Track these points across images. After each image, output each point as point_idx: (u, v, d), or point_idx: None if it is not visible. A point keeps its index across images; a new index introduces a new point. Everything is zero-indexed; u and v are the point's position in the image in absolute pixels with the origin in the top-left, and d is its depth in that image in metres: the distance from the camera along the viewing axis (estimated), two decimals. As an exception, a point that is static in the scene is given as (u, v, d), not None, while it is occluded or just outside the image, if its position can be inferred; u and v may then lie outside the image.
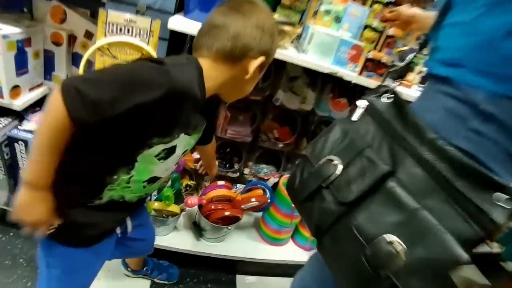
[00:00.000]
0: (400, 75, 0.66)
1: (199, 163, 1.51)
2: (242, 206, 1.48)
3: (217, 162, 1.39)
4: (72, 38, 1.37)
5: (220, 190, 1.50)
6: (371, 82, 1.25)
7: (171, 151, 0.79)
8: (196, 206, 1.48)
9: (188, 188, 1.77)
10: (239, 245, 1.64)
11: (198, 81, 0.70)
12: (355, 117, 0.71)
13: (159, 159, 0.79)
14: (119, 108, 0.62)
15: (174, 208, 1.44)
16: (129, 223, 1.00)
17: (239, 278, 1.70)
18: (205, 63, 0.73)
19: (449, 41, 0.63)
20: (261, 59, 0.76)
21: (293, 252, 1.72)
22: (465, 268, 0.48)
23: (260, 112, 1.56)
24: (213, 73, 0.74)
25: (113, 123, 0.65)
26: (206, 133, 0.91)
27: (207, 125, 0.86)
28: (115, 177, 0.78)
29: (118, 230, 0.97)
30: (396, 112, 0.65)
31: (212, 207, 1.48)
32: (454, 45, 0.61)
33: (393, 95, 0.67)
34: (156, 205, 1.40)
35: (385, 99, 0.68)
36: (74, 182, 0.78)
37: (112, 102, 0.62)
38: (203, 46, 0.75)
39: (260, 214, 1.72)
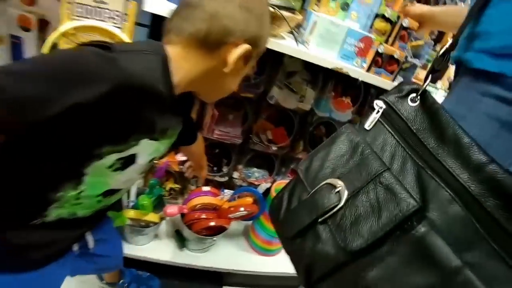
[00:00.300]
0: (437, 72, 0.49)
1: (186, 165, 1.34)
2: (230, 215, 1.32)
3: (207, 169, 1.23)
4: (43, 23, 1.19)
5: (204, 197, 1.33)
6: (380, 80, 1.08)
7: (129, 160, 0.62)
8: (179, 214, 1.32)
9: (172, 192, 1.60)
10: (226, 255, 1.48)
11: (161, 73, 0.53)
12: (368, 124, 0.54)
13: (114, 170, 0.62)
14: (52, 109, 0.45)
15: (153, 217, 1.28)
16: (89, 238, 0.85)
17: (226, 290, 1.55)
18: (174, 51, 0.56)
19: (502, 22, 0.45)
20: (244, 47, 0.59)
21: (285, 263, 1.57)
22: None
23: (252, 111, 1.39)
24: (183, 64, 0.57)
25: (47, 128, 0.49)
26: (188, 131, 0.79)
27: (186, 124, 0.72)
28: (60, 194, 0.61)
29: (76, 247, 0.82)
30: (428, 121, 0.48)
31: (196, 216, 1.31)
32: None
33: (423, 96, 0.50)
34: (132, 214, 1.24)
35: (412, 102, 0.51)
36: (7, 201, 0.62)
37: (42, 101, 0.45)
38: (173, 30, 0.59)
39: (250, 222, 1.56)
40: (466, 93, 0.50)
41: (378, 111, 0.53)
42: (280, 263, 1.55)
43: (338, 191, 0.50)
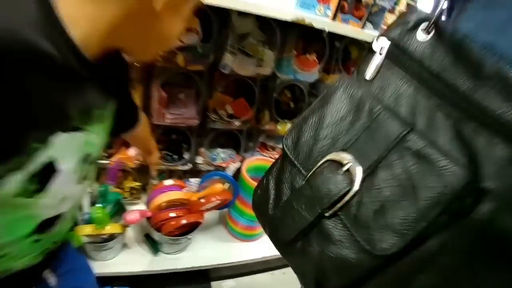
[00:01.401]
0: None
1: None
2: (201, 208, 1.16)
3: (158, 154, 1.04)
4: None
5: (169, 193, 1.15)
6: (348, 28, 0.94)
7: (46, 173, 0.41)
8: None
9: (133, 191, 1.40)
10: (207, 250, 1.33)
11: (46, 23, 0.33)
12: (371, 72, 0.39)
13: (29, 196, 0.42)
14: None
15: (113, 228, 1.09)
16: (50, 277, 0.65)
17: (215, 285, 1.43)
18: None
19: None
20: None
21: (271, 244, 1.46)
22: None
23: (205, 85, 1.19)
24: (84, 9, 0.37)
25: None
26: (127, 112, 0.67)
27: (123, 102, 0.54)
28: None
29: None
30: (451, 56, 0.34)
31: (163, 217, 1.14)
32: None
33: (437, 25, 0.36)
34: (88, 230, 1.04)
35: (423, 35, 0.36)
36: None
37: None
38: None
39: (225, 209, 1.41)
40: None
41: (381, 53, 0.38)
42: (267, 246, 1.44)
43: (348, 170, 0.36)
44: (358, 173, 0.35)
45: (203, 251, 1.32)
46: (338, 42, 1.24)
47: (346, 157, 0.36)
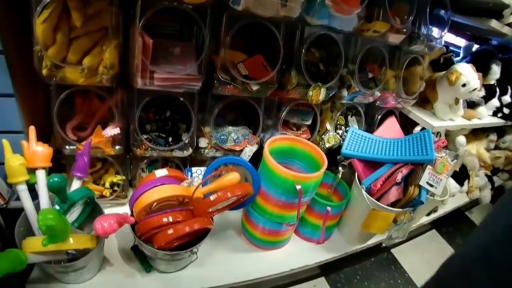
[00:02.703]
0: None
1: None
2: (209, 208, 0.80)
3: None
4: None
5: (161, 189, 0.79)
6: None
7: None
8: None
9: (116, 188, 1.06)
10: (218, 266, 0.99)
11: None
12: None
13: None
14: None
15: (79, 241, 0.73)
16: None
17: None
18: None
19: None
20: None
21: (300, 252, 1.12)
22: None
23: (209, 32, 0.83)
24: None
25: None
26: None
27: None
28: None
29: None
30: None
31: (154, 223, 0.78)
32: None
33: None
34: (34, 246, 0.68)
35: None
36: None
37: None
38: None
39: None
40: None
41: None
42: (294, 255, 1.10)
43: None
44: None
45: (212, 267, 0.97)
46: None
47: None
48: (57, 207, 0.77)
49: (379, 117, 1.30)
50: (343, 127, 1.24)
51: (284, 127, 1.12)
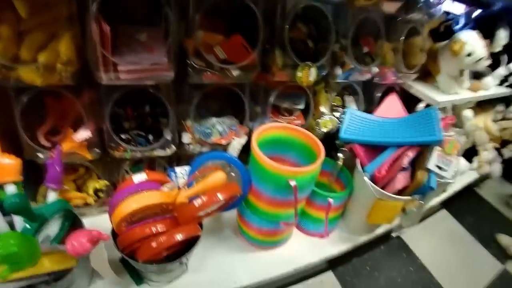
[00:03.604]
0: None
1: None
2: (196, 214, 0.71)
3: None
4: None
5: (139, 196, 0.69)
6: None
7: None
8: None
9: (101, 194, 0.99)
10: (213, 270, 0.90)
11: None
12: None
13: None
14: None
15: (56, 262, 0.65)
16: None
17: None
18: None
19: None
20: None
21: (303, 249, 1.03)
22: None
23: (177, 12, 0.72)
24: None
25: None
26: None
27: None
28: None
29: None
30: None
31: (134, 236, 0.69)
32: None
33: None
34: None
35: None
36: None
37: None
38: None
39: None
40: None
41: None
42: (298, 252, 1.01)
43: None
44: None
45: (209, 273, 0.89)
46: None
47: None
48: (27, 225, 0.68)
49: (379, 95, 1.19)
50: (340, 109, 1.13)
51: (275, 113, 1.02)
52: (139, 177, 0.77)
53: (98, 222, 0.84)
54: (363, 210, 1.01)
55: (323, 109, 1.06)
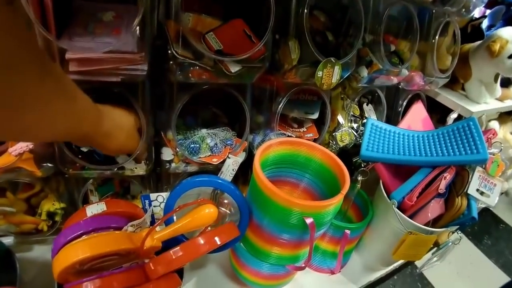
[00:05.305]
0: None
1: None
2: (171, 267, 0.50)
3: None
4: None
5: (90, 241, 0.48)
6: None
7: None
8: None
9: (58, 219, 0.77)
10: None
11: None
12: None
13: None
14: None
15: None
16: None
17: None
18: None
19: None
20: None
21: (311, 286, 0.84)
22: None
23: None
24: None
25: None
26: None
27: None
28: None
29: None
30: None
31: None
32: None
33: None
34: None
35: None
36: None
37: None
38: None
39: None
40: None
41: None
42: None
43: None
44: None
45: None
46: None
47: None
48: None
49: (404, 103, 1.00)
50: (358, 120, 0.93)
51: (280, 125, 0.81)
52: (95, 208, 0.56)
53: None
54: (385, 242, 0.83)
55: (340, 119, 0.85)
